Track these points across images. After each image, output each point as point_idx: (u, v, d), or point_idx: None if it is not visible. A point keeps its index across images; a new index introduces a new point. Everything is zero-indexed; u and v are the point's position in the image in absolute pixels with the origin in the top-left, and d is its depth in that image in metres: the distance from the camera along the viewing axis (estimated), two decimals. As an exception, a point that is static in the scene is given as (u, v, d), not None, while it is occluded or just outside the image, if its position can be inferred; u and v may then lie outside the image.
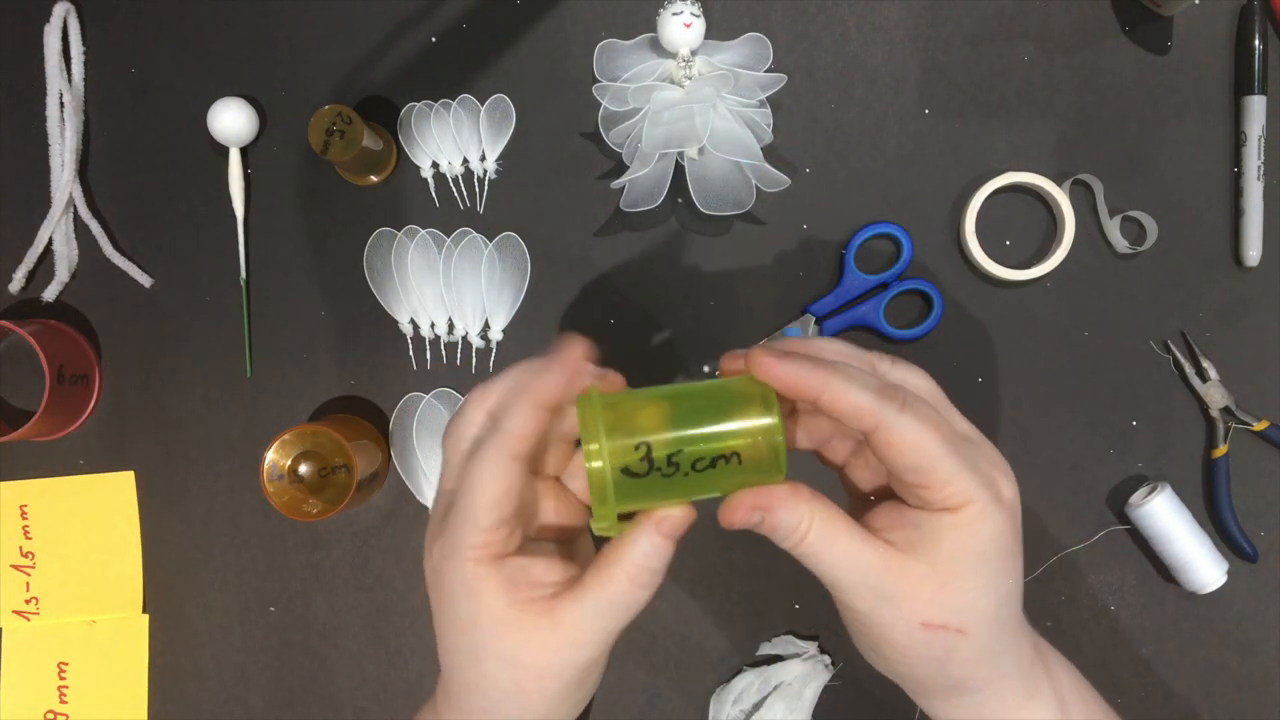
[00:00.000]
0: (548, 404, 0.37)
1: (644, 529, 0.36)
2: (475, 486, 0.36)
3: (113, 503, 0.67)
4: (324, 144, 0.61)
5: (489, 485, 0.36)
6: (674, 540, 0.37)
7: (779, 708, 0.63)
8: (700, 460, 0.36)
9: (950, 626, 0.36)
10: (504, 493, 0.36)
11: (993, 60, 0.66)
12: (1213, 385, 0.64)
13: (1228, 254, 0.65)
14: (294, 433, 0.60)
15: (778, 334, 0.65)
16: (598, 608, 0.36)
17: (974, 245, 0.64)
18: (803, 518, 0.37)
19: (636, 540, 0.36)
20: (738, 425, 0.36)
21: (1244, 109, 0.64)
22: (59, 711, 0.67)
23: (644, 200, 0.63)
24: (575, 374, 0.37)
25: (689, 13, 0.61)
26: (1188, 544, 0.62)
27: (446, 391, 0.67)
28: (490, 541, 0.37)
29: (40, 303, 0.68)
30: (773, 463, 0.36)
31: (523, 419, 0.37)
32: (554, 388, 0.37)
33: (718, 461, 0.36)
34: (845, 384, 0.36)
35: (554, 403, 0.37)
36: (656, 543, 0.36)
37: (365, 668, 0.67)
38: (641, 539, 0.36)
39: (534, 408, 0.37)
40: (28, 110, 0.68)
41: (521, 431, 0.37)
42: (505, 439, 0.36)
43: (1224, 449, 0.63)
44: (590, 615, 0.36)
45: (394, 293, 0.67)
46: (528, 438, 0.37)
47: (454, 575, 0.37)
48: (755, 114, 0.64)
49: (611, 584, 0.36)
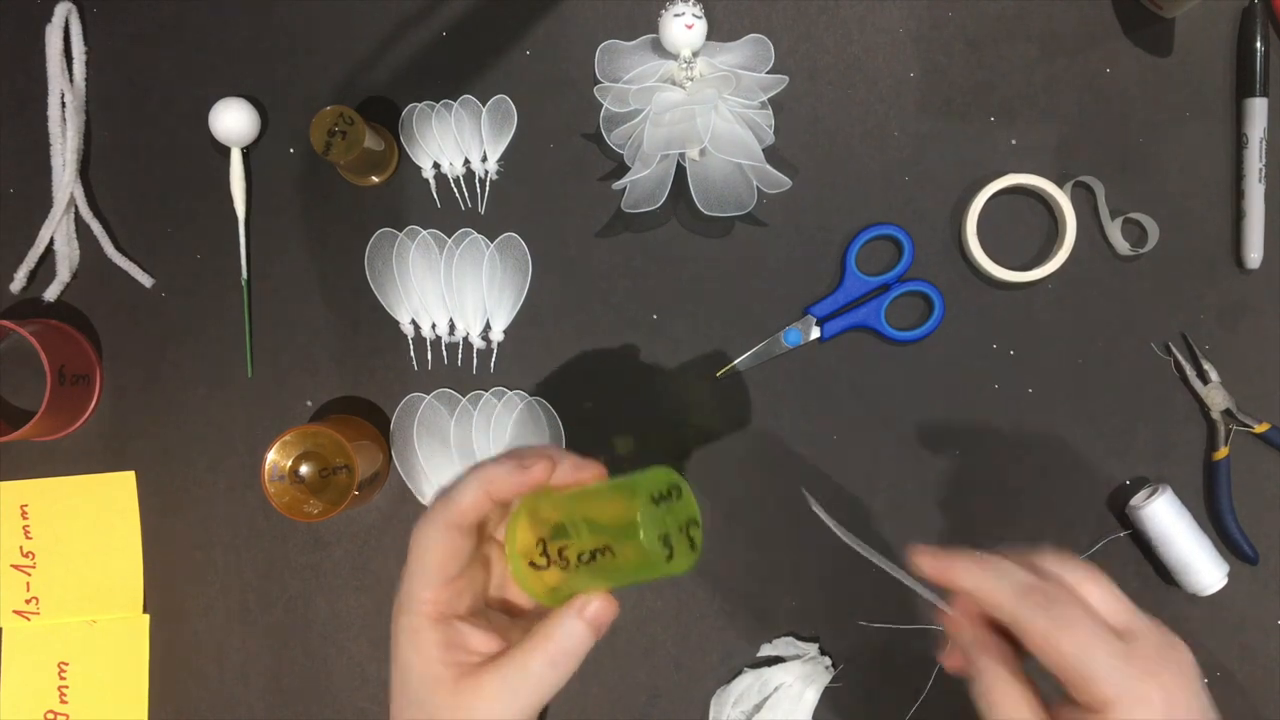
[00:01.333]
0: (493, 491, 0.40)
1: (567, 614, 0.40)
2: (420, 547, 0.41)
3: (113, 503, 0.67)
4: (325, 145, 0.61)
5: (431, 548, 0.41)
6: (595, 628, 0.40)
7: (780, 709, 0.63)
8: (583, 554, 0.39)
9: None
10: (445, 557, 0.40)
11: (994, 62, 0.66)
12: (1214, 388, 0.64)
13: (1229, 256, 0.65)
14: (295, 433, 0.60)
15: (778, 335, 0.66)
16: (515, 681, 0.39)
17: (975, 247, 0.64)
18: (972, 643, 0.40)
19: (560, 623, 0.40)
20: (609, 522, 0.39)
21: (1245, 111, 0.64)
22: (59, 711, 0.67)
23: (645, 201, 0.63)
24: (527, 477, 0.40)
25: (690, 14, 0.61)
26: (1189, 546, 0.62)
27: (447, 392, 0.67)
28: (437, 599, 0.41)
29: (41, 303, 0.68)
30: (643, 559, 0.38)
31: (469, 496, 0.40)
32: (502, 480, 0.40)
33: (596, 555, 0.39)
34: (988, 578, 0.39)
35: (500, 492, 0.41)
36: (577, 628, 0.40)
37: (365, 668, 0.67)
38: (565, 623, 0.40)
39: (479, 489, 0.40)
40: (29, 110, 0.68)
41: (461, 505, 0.40)
42: (447, 509, 0.41)
43: (1225, 451, 0.63)
44: (508, 688, 0.39)
45: (395, 293, 0.67)
46: (467, 512, 0.40)
47: (402, 625, 0.41)
48: (757, 115, 0.64)
49: (531, 662, 0.39)
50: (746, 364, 0.66)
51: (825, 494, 0.65)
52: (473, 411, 0.66)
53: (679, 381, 0.66)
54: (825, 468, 0.66)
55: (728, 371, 0.66)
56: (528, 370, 0.67)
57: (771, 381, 0.66)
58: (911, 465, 0.65)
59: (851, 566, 0.65)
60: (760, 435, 0.66)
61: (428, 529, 0.41)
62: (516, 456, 0.41)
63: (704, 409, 0.66)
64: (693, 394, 0.66)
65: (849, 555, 0.65)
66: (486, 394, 0.66)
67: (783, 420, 0.66)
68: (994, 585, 0.39)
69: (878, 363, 0.66)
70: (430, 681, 0.40)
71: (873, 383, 0.66)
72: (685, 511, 0.40)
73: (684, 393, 0.66)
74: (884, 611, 0.65)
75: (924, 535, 0.65)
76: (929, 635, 0.64)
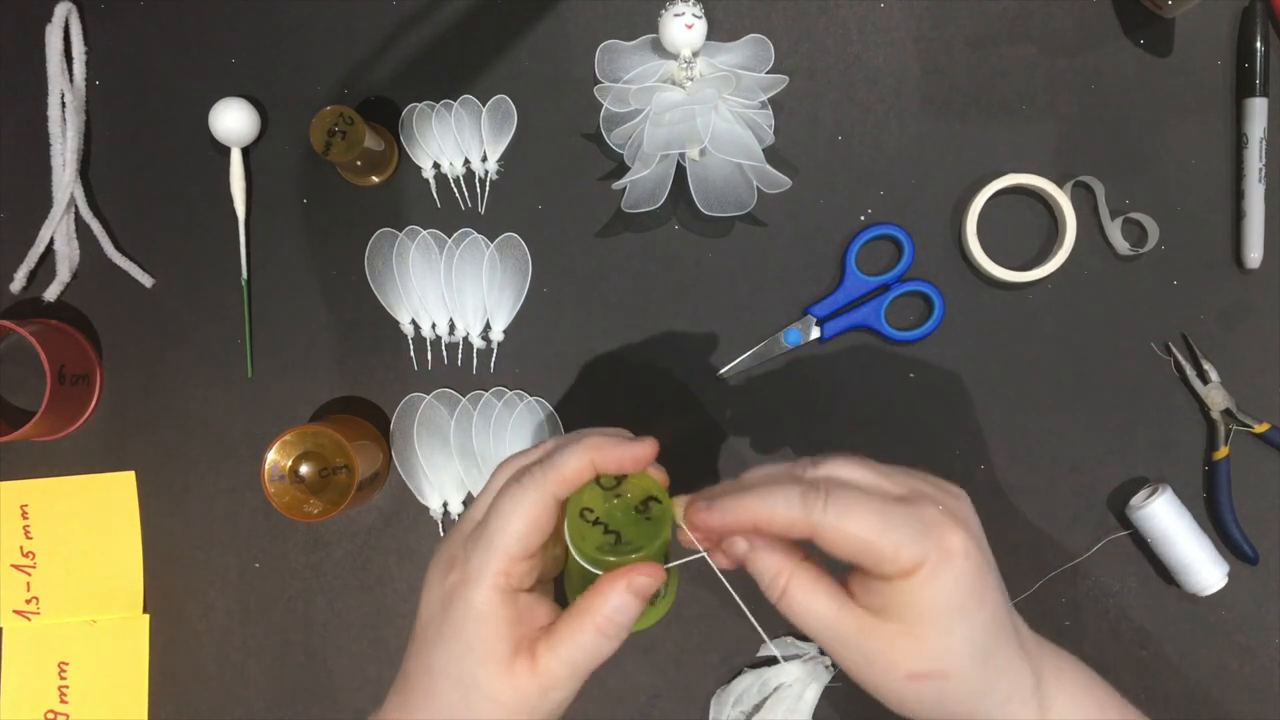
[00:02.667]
0: (599, 461, 0.39)
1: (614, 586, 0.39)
2: (510, 514, 0.38)
3: (113, 503, 0.67)
4: (325, 145, 0.61)
5: (525, 515, 0.38)
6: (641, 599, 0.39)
7: (779, 709, 0.63)
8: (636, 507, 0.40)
9: (934, 674, 0.38)
10: (537, 525, 0.39)
11: (994, 62, 0.66)
12: (1214, 388, 0.64)
13: (1229, 256, 0.65)
14: (295, 433, 0.60)
15: (778, 335, 0.66)
16: (569, 653, 0.39)
17: (975, 247, 0.64)
18: (781, 570, 0.39)
19: (607, 596, 0.38)
20: None
21: (1245, 111, 0.64)
22: (59, 711, 0.67)
23: (645, 201, 0.63)
24: (638, 450, 0.40)
25: (690, 14, 0.61)
26: (1188, 546, 0.62)
27: (447, 392, 0.67)
28: (512, 572, 0.39)
29: (41, 303, 0.68)
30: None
31: (574, 463, 0.39)
32: (610, 450, 0.39)
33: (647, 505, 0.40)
34: (769, 506, 0.38)
35: (606, 464, 0.39)
36: (625, 600, 0.39)
37: (365, 668, 0.67)
38: (612, 595, 0.38)
39: (585, 457, 0.39)
40: (29, 110, 0.68)
41: (565, 473, 0.39)
42: (548, 476, 0.39)
43: (1225, 451, 0.63)
44: (562, 661, 0.38)
45: (395, 293, 0.67)
46: (571, 481, 0.39)
47: (467, 599, 0.38)
48: (757, 115, 0.64)
49: (581, 633, 0.39)
50: (746, 364, 0.66)
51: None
52: (473, 411, 0.66)
53: (679, 381, 0.66)
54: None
55: (728, 371, 0.66)
56: (528, 370, 0.67)
57: (771, 381, 0.66)
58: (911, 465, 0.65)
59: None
60: (760, 435, 0.66)
61: (522, 495, 0.39)
62: (614, 433, 0.40)
63: (704, 409, 0.66)
64: (693, 394, 0.66)
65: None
66: (486, 394, 0.66)
67: (783, 420, 0.66)
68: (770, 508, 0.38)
69: (878, 363, 0.66)
70: (489, 660, 0.38)
71: (873, 383, 0.66)
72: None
73: (684, 393, 0.66)
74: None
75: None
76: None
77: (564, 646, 0.39)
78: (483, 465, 0.66)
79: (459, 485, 0.66)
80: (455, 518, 0.67)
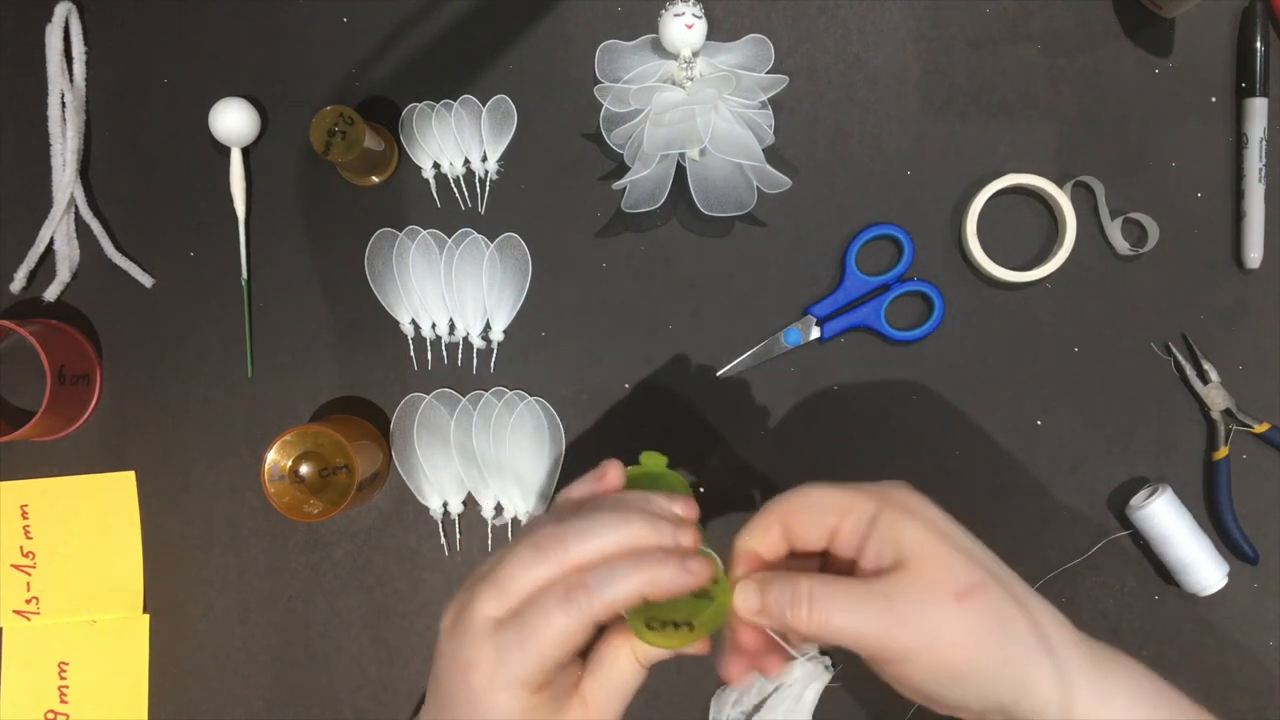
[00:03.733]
0: (651, 593, 0.38)
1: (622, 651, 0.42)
2: (550, 635, 0.38)
3: (113, 503, 0.67)
4: (325, 145, 0.61)
5: (561, 642, 0.38)
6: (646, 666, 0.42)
7: (779, 709, 0.63)
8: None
9: (977, 584, 0.38)
10: (573, 646, 0.38)
11: (994, 62, 0.66)
12: (1214, 388, 0.64)
13: (1229, 256, 0.65)
14: (295, 433, 0.60)
15: (778, 335, 0.65)
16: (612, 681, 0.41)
17: (975, 247, 0.64)
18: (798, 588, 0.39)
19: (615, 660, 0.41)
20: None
21: (1245, 111, 0.64)
22: (59, 711, 0.67)
23: (645, 201, 0.63)
24: (691, 579, 0.39)
25: (690, 14, 0.61)
26: (1188, 546, 0.62)
27: (447, 392, 0.67)
28: (546, 679, 0.39)
29: (41, 303, 0.68)
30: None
31: (625, 594, 0.38)
32: (667, 580, 0.38)
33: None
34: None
35: (658, 592, 0.38)
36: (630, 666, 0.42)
37: (365, 668, 0.67)
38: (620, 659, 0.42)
39: (638, 591, 0.38)
40: (29, 110, 0.68)
41: (615, 606, 0.38)
42: (599, 604, 0.38)
43: (1225, 451, 0.63)
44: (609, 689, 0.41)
45: (395, 293, 0.67)
46: (617, 610, 0.38)
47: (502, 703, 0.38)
48: (757, 115, 0.64)
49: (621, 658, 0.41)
50: (746, 364, 0.66)
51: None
52: (473, 411, 0.66)
53: (679, 381, 0.66)
54: (825, 468, 0.66)
55: (728, 371, 0.66)
56: (528, 370, 0.67)
57: (771, 381, 0.66)
58: (911, 465, 0.65)
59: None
60: (760, 435, 0.66)
61: (565, 624, 0.38)
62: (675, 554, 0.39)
63: (704, 409, 0.66)
64: (693, 394, 0.66)
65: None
66: (486, 394, 0.66)
67: (783, 420, 0.66)
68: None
69: (878, 363, 0.66)
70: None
71: (873, 383, 0.66)
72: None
73: (684, 393, 0.66)
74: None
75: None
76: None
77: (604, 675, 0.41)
78: (483, 465, 0.66)
79: (459, 485, 0.66)
80: (455, 518, 0.67)
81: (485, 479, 0.66)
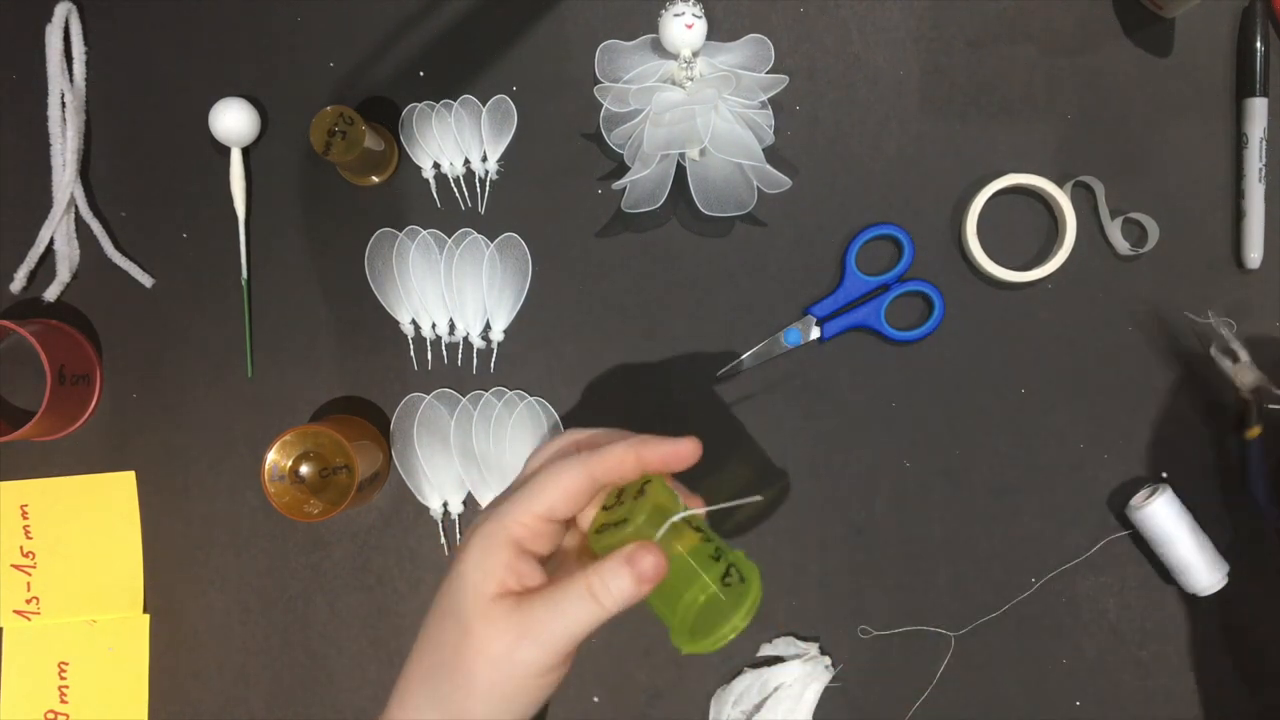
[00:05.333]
0: (644, 457, 0.41)
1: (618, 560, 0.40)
2: (548, 478, 0.41)
3: (113, 503, 0.67)
4: (325, 145, 0.61)
5: (558, 483, 0.41)
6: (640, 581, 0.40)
7: (779, 709, 0.63)
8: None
9: None
10: (564, 497, 0.41)
11: (994, 62, 0.66)
12: (1243, 366, 0.62)
13: (1229, 256, 0.65)
14: (295, 433, 0.60)
15: (778, 335, 0.66)
16: (545, 613, 0.40)
17: (975, 247, 0.64)
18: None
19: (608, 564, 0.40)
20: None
21: (1245, 111, 0.64)
22: (59, 711, 0.67)
23: (645, 201, 0.63)
24: (682, 450, 0.42)
25: (690, 14, 0.61)
26: (1188, 546, 0.62)
27: (447, 392, 0.67)
28: (529, 526, 0.41)
29: (41, 303, 0.68)
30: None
31: (618, 455, 0.41)
32: (653, 450, 0.41)
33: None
34: None
35: (650, 463, 0.42)
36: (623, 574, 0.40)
37: (365, 668, 0.67)
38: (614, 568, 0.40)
39: (631, 452, 0.41)
40: (29, 110, 0.68)
41: (608, 462, 0.41)
42: (595, 457, 0.41)
43: (1257, 430, 0.61)
44: (537, 618, 0.40)
45: (395, 293, 0.67)
46: (612, 469, 0.41)
47: (482, 532, 0.41)
48: (757, 115, 0.64)
49: (572, 588, 0.40)
50: (746, 364, 0.66)
51: (825, 493, 0.65)
52: (473, 411, 0.66)
53: (679, 381, 0.66)
54: (825, 468, 0.66)
55: (728, 371, 0.66)
56: (528, 370, 0.67)
57: (771, 381, 0.66)
58: (911, 465, 0.65)
59: (851, 567, 0.65)
60: (760, 435, 0.66)
61: (565, 466, 0.41)
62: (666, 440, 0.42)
63: (704, 409, 0.66)
64: (693, 394, 0.66)
65: (849, 555, 0.65)
66: (486, 394, 0.66)
67: (783, 420, 0.66)
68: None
69: (878, 363, 0.66)
70: (474, 594, 0.40)
71: (873, 383, 0.66)
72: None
73: (684, 393, 0.66)
74: (883, 612, 0.65)
75: (924, 535, 0.65)
76: (928, 636, 0.64)
77: (544, 604, 0.40)
78: (483, 465, 0.66)
79: (459, 485, 0.66)
80: (455, 518, 0.67)
81: (485, 479, 0.66)
